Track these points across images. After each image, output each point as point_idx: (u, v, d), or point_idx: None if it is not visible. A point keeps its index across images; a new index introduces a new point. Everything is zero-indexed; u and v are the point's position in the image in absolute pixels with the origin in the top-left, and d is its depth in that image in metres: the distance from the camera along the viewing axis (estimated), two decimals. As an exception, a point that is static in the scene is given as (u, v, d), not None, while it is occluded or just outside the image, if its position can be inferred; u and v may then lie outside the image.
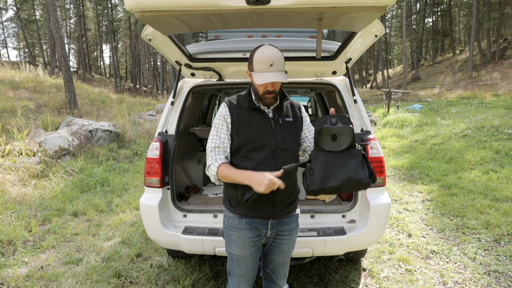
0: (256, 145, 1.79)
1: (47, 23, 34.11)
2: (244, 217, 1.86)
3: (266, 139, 1.80)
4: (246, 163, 1.79)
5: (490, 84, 23.62)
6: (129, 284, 3.06)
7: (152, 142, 2.82)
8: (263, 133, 1.81)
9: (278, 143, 1.82)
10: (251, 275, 1.97)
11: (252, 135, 1.80)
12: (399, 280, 3.06)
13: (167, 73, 48.62)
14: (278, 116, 1.86)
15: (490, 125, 9.54)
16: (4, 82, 13.72)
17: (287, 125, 1.88)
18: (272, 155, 1.80)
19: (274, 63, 1.68)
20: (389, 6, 1.63)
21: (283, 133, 1.84)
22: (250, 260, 1.91)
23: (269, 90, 1.76)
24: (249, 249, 1.88)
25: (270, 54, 1.70)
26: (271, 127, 1.83)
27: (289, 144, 1.86)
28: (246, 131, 1.81)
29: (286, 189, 1.72)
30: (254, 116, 1.83)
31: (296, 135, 1.92)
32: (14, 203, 4.79)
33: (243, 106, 1.84)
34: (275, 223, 1.89)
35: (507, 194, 5.02)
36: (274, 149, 1.80)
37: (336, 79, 3.25)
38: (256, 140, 1.79)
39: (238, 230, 1.87)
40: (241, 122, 1.82)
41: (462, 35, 46.84)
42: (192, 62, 2.94)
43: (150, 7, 1.65)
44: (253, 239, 1.88)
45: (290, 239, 1.98)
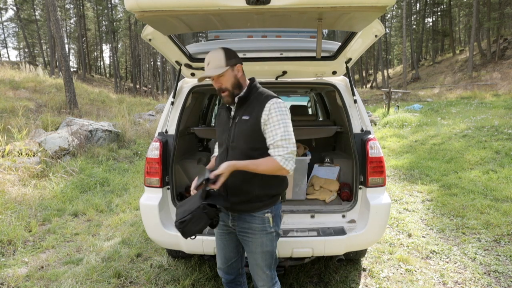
0: (220, 141, 2.06)
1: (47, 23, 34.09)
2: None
3: (224, 136, 1.97)
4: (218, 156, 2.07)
5: (490, 84, 23.62)
6: (129, 284, 3.06)
7: (152, 142, 2.82)
8: (223, 130, 1.99)
9: (229, 141, 1.92)
10: (222, 255, 2.12)
11: (218, 132, 2.07)
12: (399, 280, 3.06)
13: (167, 73, 48.62)
14: (236, 114, 1.93)
15: (490, 125, 9.53)
16: (4, 82, 13.72)
17: (241, 123, 1.87)
18: (226, 152, 1.93)
19: (210, 62, 1.86)
20: (389, 6, 1.63)
21: (235, 131, 1.90)
22: (220, 240, 2.11)
23: (219, 88, 1.89)
24: (218, 229, 2.08)
25: (208, 55, 1.88)
26: (229, 125, 1.96)
27: (237, 142, 1.87)
28: (217, 129, 2.10)
29: (233, 184, 1.86)
30: (223, 115, 2.04)
31: (248, 134, 1.83)
32: (14, 203, 4.79)
33: (223, 106, 2.07)
34: (236, 216, 1.97)
35: (507, 194, 5.02)
36: (227, 147, 1.93)
37: (336, 79, 3.25)
38: (219, 137, 2.04)
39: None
40: (217, 121, 2.12)
41: (462, 35, 46.83)
42: (192, 62, 2.94)
43: (150, 7, 1.65)
44: (220, 222, 1.99)
45: (255, 240, 1.92)
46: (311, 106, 7.51)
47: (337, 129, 4.00)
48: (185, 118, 3.64)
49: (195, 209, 1.74)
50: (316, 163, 3.76)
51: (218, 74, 1.82)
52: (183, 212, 1.79)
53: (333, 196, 3.21)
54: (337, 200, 3.19)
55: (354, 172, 2.85)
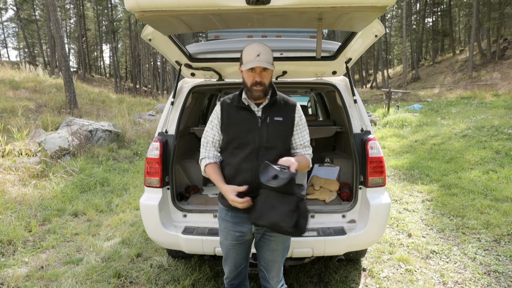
0: (241, 142, 1.89)
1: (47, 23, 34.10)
2: (230, 210, 1.94)
3: (250, 137, 1.88)
4: (231, 159, 1.92)
5: (490, 84, 23.62)
6: (129, 284, 3.06)
7: (152, 142, 2.82)
8: (248, 130, 1.89)
9: (263, 141, 1.87)
10: (234, 267, 2.07)
11: (237, 132, 1.91)
12: (399, 280, 3.06)
13: (167, 73, 48.62)
14: (266, 115, 1.90)
15: (490, 125, 9.53)
16: (4, 82, 13.72)
17: (275, 124, 1.91)
18: (256, 152, 1.87)
19: (261, 53, 1.79)
20: (389, 6, 1.63)
21: (269, 132, 1.88)
22: (232, 251, 2.03)
23: (256, 81, 1.82)
24: (230, 240, 1.99)
25: (258, 46, 1.81)
26: (257, 125, 1.89)
27: (274, 143, 1.89)
28: (233, 129, 1.93)
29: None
30: (241, 115, 1.92)
31: (284, 135, 1.94)
32: (14, 203, 4.79)
33: (233, 105, 1.95)
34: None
35: (507, 194, 5.02)
36: (258, 147, 1.87)
37: (336, 79, 3.25)
38: (241, 137, 1.89)
39: (224, 221, 2.00)
40: (229, 120, 1.94)
41: (462, 35, 46.82)
42: (192, 62, 2.94)
43: (150, 7, 1.65)
44: (235, 233, 1.96)
45: (278, 238, 1.98)
46: (311, 106, 7.51)
47: (337, 129, 4.00)
48: (185, 118, 3.64)
49: (296, 205, 1.71)
50: (316, 163, 3.76)
51: (269, 68, 1.80)
52: (283, 216, 1.68)
53: (333, 196, 3.21)
54: (337, 200, 3.19)
55: (354, 172, 2.85)
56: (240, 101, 1.93)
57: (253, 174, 1.86)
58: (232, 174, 1.90)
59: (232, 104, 1.96)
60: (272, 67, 1.81)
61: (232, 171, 1.90)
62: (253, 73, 1.82)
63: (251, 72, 1.82)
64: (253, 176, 1.86)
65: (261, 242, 2.01)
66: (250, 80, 1.84)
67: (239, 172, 1.88)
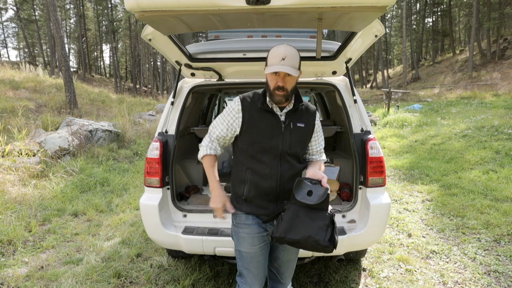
0: (264, 146, 1.83)
1: (47, 23, 34.11)
2: (251, 214, 1.90)
3: (273, 142, 1.83)
4: (253, 164, 1.85)
5: (490, 84, 23.62)
6: (129, 284, 3.06)
7: (152, 142, 2.81)
8: (272, 135, 1.83)
9: (286, 147, 1.84)
10: (263, 274, 1.96)
11: (261, 136, 1.83)
12: (399, 280, 3.06)
13: (167, 73, 48.61)
14: (290, 121, 1.87)
15: (490, 125, 9.54)
16: (4, 82, 13.72)
17: (298, 130, 1.88)
18: (279, 158, 1.84)
19: (286, 57, 1.71)
20: (389, 6, 1.63)
21: (292, 138, 1.86)
22: (261, 256, 1.93)
23: (279, 86, 1.76)
24: (258, 244, 1.90)
25: (284, 49, 1.73)
26: (281, 130, 1.84)
27: (295, 149, 1.87)
28: (255, 131, 1.84)
29: (289, 188, 1.80)
30: (265, 117, 1.85)
31: (304, 141, 1.93)
32: (14, 203, 4.79)
33: (255, 106, 1.86)
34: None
35: (507, 194, 5.02)
36: (281, 153, 1.84)
37: (336, 79, 3.25)
38: (264, 142, 1.83)
39: (246, 226, 1.91)
40: (251, 122, 1.85)
41: (462, 35, 46.83)
42: (192, 62, 2.94)
43: (150, 7, 1.65)
44: (261, 234, 1.92)
45: None
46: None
47: (337, 129, 4.00)
48: (185, 118, 3.64)
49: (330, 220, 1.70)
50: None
51: (292, 74, 1.72)
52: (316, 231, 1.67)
53: (333, 196, 3.21)
54: (337, 200, 3.19)
55: (354, 172, 2.85)
56: (265, 103, 1.85)
57: (278, 180, 1.83)
58: (256, 180, 1.85)
59: (254, 105, 1.87)
60: (296, 73, 1.74)
61: (256, 178, 1.85)
62: (277, 77, 1.75)
63: (274, 76, 1.76)
64: (278, 183, 1.84)
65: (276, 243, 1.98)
66: (273, 83, 1.78)
67: (264, 178, 1.84)
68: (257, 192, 1.85)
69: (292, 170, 1.87)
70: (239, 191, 1.90)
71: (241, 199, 1.90)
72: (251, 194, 1.85)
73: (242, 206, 1.90)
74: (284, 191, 1.85)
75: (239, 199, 1.91)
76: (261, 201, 1.85)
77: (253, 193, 1.85)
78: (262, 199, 1.85)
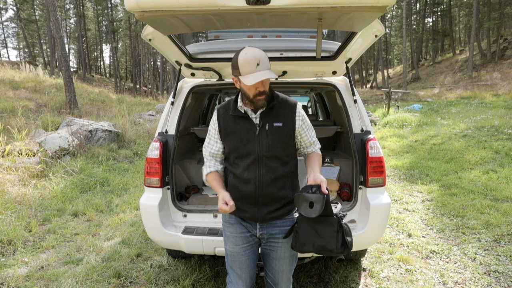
0: (241, 152, 1.81)
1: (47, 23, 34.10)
2: (233, 214, 1.91)
3: (249, 147, 1.79)
4: (234, 169, 1.86)
5: (490, 84, 23.62)
6: (129, 284, 3.06)
7: (152, 142, 2.82)
8: (247, 140, 1.80)
9: (263, 150, 1.78)
10: (247, 275, 1.94)
11: (237, 143, 1.81)
12: (399, 280, 3.06)
13: (167, 73, 48.61)
14: (265, 122, 1.80)
15: (490, 125, 9.54)
16: (4, 82, 13.72)
17: (275, 130, 1.80)
18: (257, 162, 1.80)
19: (260, 61, 1.66)
20: (389, 6, 1.63)
21: (269, 140, 1.79)
22: (244, 257, 1.91)
23: (260, 91, 1.72)
24: (241, 244, 1.90)
25: (254, 53, 1.67)
26: (255, 134, 1.79)
27: (274, 150, 1.80)
28: (231, 139, 1.83)
29: (270, 193, 1.82)
30: (239, 123, 1.82)
31: (284, 141, 1.83)
32: (14, 203, 4.79)
33: (228, 114, 1.85)
34: (264, 225, 1.89)
35: (507, 194, 5.02)
36: (259, 157, 1.79)
37: (336, 79, 3.25)
38: (241, 148, 1.81)
39: (230, 225, 1.93)
40: (227, 130, 1.85)
41: (462, 35, 46.82)
42: (192, 62, 2.94)
43: (150, 7, 1.65)
44: (245, 234, 1.90)
45: (285, 245, 1.90)
46: (311, 106, 7.51)
47: (337, 129, 4.00)
48: (185, 118, 3.64)
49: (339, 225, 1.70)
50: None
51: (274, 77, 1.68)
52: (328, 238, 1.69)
53: (333, 196, 3.21)
54: (337, 200, 3.19)
55: (354, 172, 2.85)
56: (236, 110, 1.82)
57: (257, 184, 1.80)
58: (236, 184, 1.85)
59: (228, 113, 1.85)
60: (273, 75, 1.69)
61: (236, 181, 1.85)
62: (257, 84, 1.68)
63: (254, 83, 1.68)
64: (257, 187, 1.81)
65: (267, 249, 1.94)
66: (252, 91, 1.72)
67: (243, 182, 1.82)
68: (238, 195, 1.84)
69: (271, 174, 1.80)
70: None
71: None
72: (232, 197, 1.83)
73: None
74: (264, 195, 1.81)
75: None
76: (242, 204, 1.84)
77: (234, 196, 1.84)
78: (242, 202, 1.84)
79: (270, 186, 1.81)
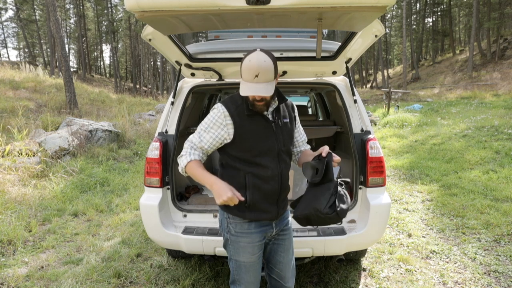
0: (261, 149, 1.78)
1: (47, 23, 34.10)
2: (253, 221, 1.85)
3: (269, 143, 1.80)
4: (254, 168, 1.77)
5: (490, 84, 23.61)
6: (129, 284, 3.06)
7: (152, 142, 2.82)
8: (266, 137, 1.79)
9: (281, 145, 1.83)
10: (258, 280, 1.96)
11: (256, 141, 1.77)
12: (399, 280, 3.06)
13: (167, 73, 48.61)
14: (277, 118, 1.85)
15: (490, 125, 9.53)
16: (4, 82, 13.72)
17: (285, 126, 1.89)
18: (277, 158, 1.82)
19: (259, 73, 1.60)
20: (389, 6, 1.63)
21: (284, 135, 1.86)
22: (258, 264, 1.92)
23: (256, 99, 1.72)
24: (257, 253, 1.90)
25: (257, 63, 1.61)
26: (273, 130, 1.82)
27: (288, 145, 1.90)
28: (249, 137, 1.77)
29: (287, 188, 1.90)
30: (255, 121, 1.79)
31: (292, 135, 1.96)
32: (14, 203, 4.79)
33: (242, 112, 1.78)
34: (278, 221, 1.94)
35: (507, 194, 5.02)
36: (278, 152, 1.82)
37: (336, 79, 3.25)
38: (261, 145, 1.78)
39: (248, 235, 1.85)
40: (243, 128, 1.77)
41: (462, 35, 46.82)
42: (192, 62, 2.94)
43: (150, 7, 1.65)
44: (261, 242, 1.91)
45: (289, 235, 2.00)
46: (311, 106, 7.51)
47: (337, 129, 4.00)
48: (185, 118, 3.64)
49: (334, 189, 1.74)
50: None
51: (269, 94, 1.65)
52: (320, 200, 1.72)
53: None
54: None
55: (354, 172, 2.85)
56: (249, 109, 1.79)
57: (280, 180, 1.81)
58: (259, 184, 1.77)
59: (241, 111, 1.78)
60: (271, 91, 1.65)
61: (258, 181, 1.77)
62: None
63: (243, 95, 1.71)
64: (279, 183, 1.82)
65: (274, 245, 1.95)
66: (250, 97, 1.73)
67: (267, 181, 1.78)
68: (261, 196, 1.78)
69: (287, 169, 1.90)
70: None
71: (243, 206, 1.78)
72: (254, 199, 1.77)
73: (245, 214, 1.81)
74: (283, 191, 1.87)
75: (240, 207, 1.78)
76: (265, 205, 1.81)
77: (257, 198, 1.78)
78: (265, 203, 1.81)
79: (287, 180, 1.89)
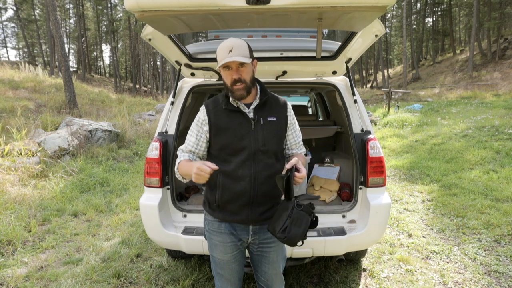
0: (235, 148, 1.74)
1: (46, 22, 34.10)
2: (224, 222, 1.83)
3: (245, 142, 1.73)
4: (226, 167, 1.74)
5: (491, 84, 23.61)
6: (129, 284, 3.06)
7: (152, 142, 2.81)
8: (243, 135, 1.74)
9: (258, 145, 1.74)
10: (236, 278, 1.92)
11: (231, 138, 1.74)
12: (399, 280, 3.06)
13: (167, 73, 48.60)
14: (259, 116, 1.77)
15: (490, 125, 9.53)
16: (3, 82, 13.72)
17: (269, 125, 1.79)
18: (252, 157, 1.73)
19: (233, 48, 1.66)
20: (389, 6, 1.62)
21: (265, 134, 1.76)
22: (233, 264, 1.87)
23: (235, 79, 1.68)
24: (231, 253, 1.85)
25: (230, 41, 1.69)
26: (251, 128, 1.75)
27: (270, 145, 1.77)
28: (224, 134, 1.75)
29: (265, 191, 1.76)
30: (233, 118, 1.76)
31: (279, 136, 1.83)
32: (14, 203, 4.79)
33: (220, 108, 1.78)
34: (256, 229, 1.83)
35: (507, 194, 5.02)
36: (254, 152, 1.74)
37: (336, 79, 3.25)
38: (235, 143, 1.74)
39: (219, 234, 1.84)
40: (219, 125, 1.76)
41: (462, 35, 46.82)
42: (192, 62, 2.93)
43: (150, 7, 1.65)
44: (234, 243, 1.84)
45: (276, 248, 1.88)
46: (311, 106, 7.50)
47: (337, 129, 3.99)
48: (185, 118, 3.63)
49: (290, 211, 1.61)
50: (316, 163, 3.76)
51: (245, 62, 1.65)
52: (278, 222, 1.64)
53: (333, 196, 3.20)
54: (337, 200, 3.19)
55: (354, 172, 2.85)
56: (229, 103, 1.76)
57: (252, 181, 1.73)
58: (228, 183, 1.74)
59: (219, 108, 1.78)
60: (248, 61, 1.67)
61: (227, 180, 1.74)
62: (230, 71, 1.69)
63: (228, 71, 1.69)
64: (251, 184, 1.73)
65: (259, 256, 1.90)
66: (228, 80, 1.70)
67: (236, 180, 1.73)
68: (230, 197, 1.75)
69: (267, 171, 1.75)
70: (211, 198, 1.81)
71: (214, 205, 1.81)
72: (223, 199, 1.75)
73: (215, 213, 1.82)
74: (259, 194, 1.75)
75: (212, 205, 1.82)
76: (234, 206, 1.76)
77: (226, 198, 1.75)
78: (234, 204, 1.75)
79: (265, 183, 1.74)
